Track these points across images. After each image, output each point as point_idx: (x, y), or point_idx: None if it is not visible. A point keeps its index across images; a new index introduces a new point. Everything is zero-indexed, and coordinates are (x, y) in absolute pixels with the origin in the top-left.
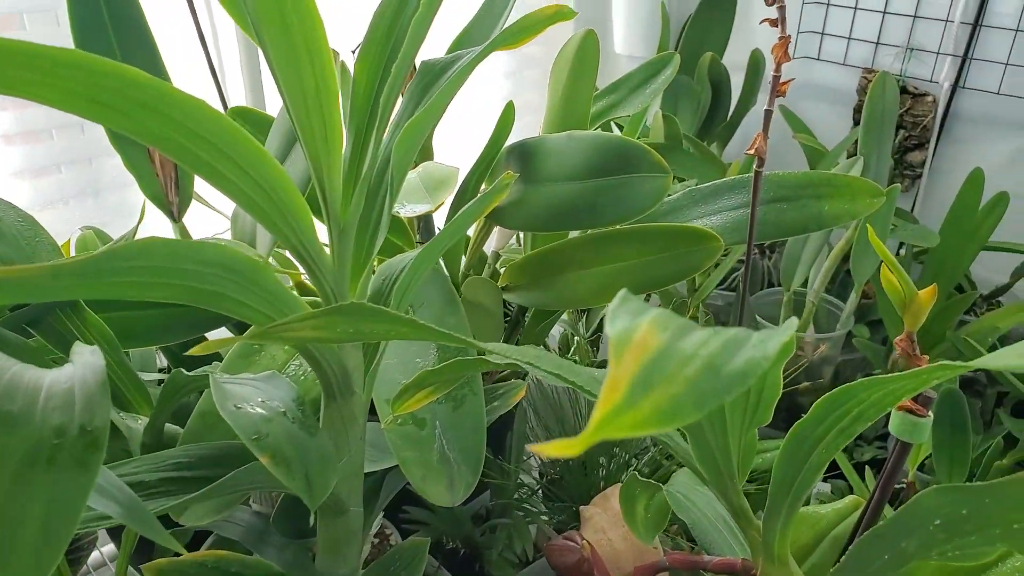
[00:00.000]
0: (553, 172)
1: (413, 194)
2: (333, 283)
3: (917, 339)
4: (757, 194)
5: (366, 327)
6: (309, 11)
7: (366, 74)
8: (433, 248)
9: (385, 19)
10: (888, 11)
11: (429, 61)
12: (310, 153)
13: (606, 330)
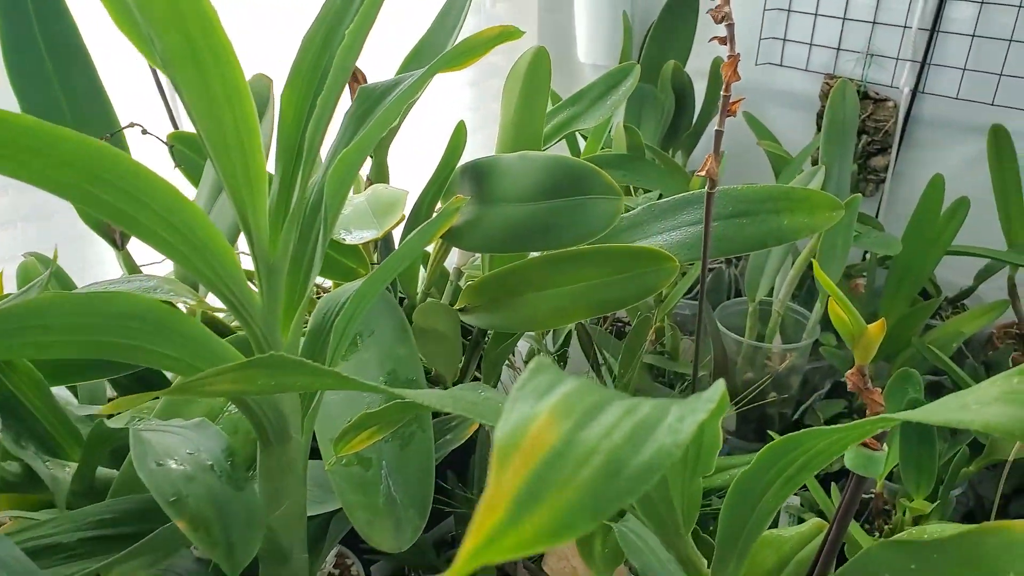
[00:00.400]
0: (507, 193)
1: (361, 219)
2: (263, 325)
3: (884, 345)
4: (709, 215)
5: (288, 380)
6: (223, 48)
7: (293, 107)
8: (376, 279)
9: (312, 49)
10: (848, 17)
11: (368, 86)
12: (232, 192)
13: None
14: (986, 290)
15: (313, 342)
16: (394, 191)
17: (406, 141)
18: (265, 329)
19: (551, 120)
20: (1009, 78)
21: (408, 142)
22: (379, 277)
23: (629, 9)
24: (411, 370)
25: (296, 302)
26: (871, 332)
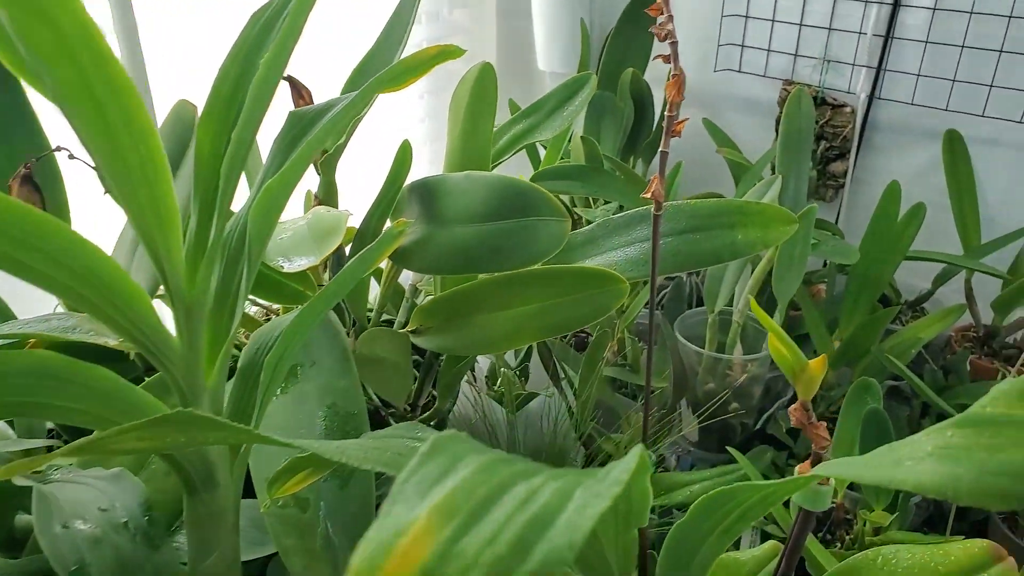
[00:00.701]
0: (455, 214)
1: (300, 245)
2: (184, 370)
3: (845, 351)
4: (657, 237)
5: (200, 436)
6: (120, 81)
7: (210, 140)
8: (310, 312)
9: (229, 80)
10: (804, 24)
11: (299, 111)
12: (141, 231)
13: (359, 546)
14: (945, 292)
15: (243, 381)
16: (334, 215)
17: (360, 153)
18: (186, 374)
19: (508, 132)
20: (962, 84)
21: (362, 155)
22: (313, 309)
23: (587, 17)
24: (352, 403)
25: (220, 342)
26: (812, 368)
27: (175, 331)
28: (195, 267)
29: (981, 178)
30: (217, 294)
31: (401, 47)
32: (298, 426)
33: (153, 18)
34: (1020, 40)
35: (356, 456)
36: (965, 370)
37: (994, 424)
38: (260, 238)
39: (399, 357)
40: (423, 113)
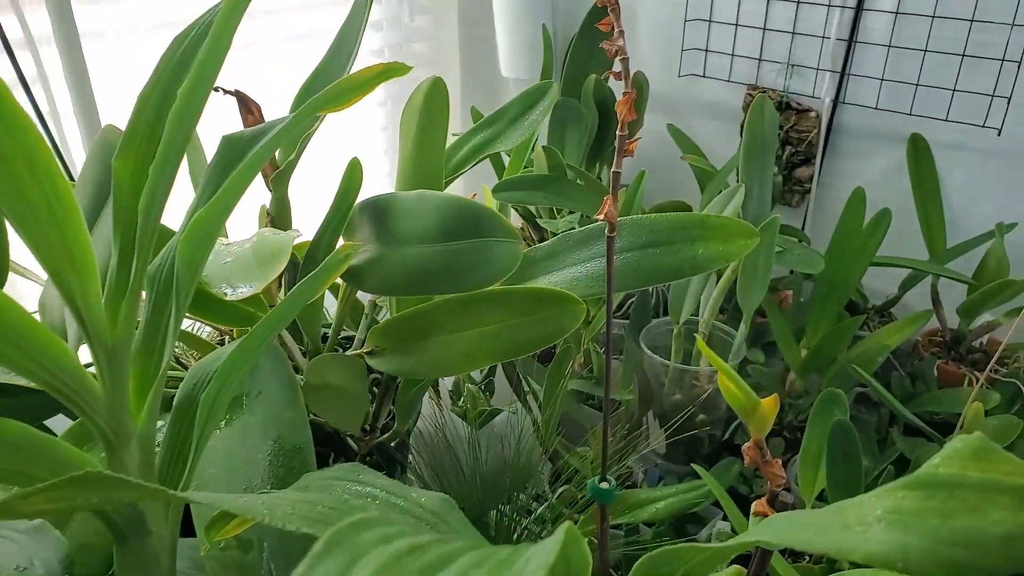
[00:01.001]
0: (407, 234)
1: (244, 270)
2: (108, 416)
3: (813, 359)
4: (611, 259)
5: (114, 495)
6: (16, 117)
7: (129, 175)
8: (249, 345)
9: (148, 111)
10: (768, 28)
11: (233, 136)
12: (52, 274)
13: None
14: (912, 297)
15: (179, 420)
16: (279, 238)
17: (319, 165)
18: (111, 420)
19: (468, 142)
20: (925, 88)
21: (321, 166)
22: (252, 342)
23: (549, 22)
24: (298, 436)
25: (149, 384)
26: (765, 407)
27: (97, 376)
28: (116, 309)
29: (945, 182)
30: (145, 334)
31: (352, 58)
32: (242, 461)
33: (100, 38)
34: (982, 44)
35: (282, 515)
36: (932, 376)
37: (947, 487)
38: (190, 274)
39: (352, 383)
40: (385, 121)
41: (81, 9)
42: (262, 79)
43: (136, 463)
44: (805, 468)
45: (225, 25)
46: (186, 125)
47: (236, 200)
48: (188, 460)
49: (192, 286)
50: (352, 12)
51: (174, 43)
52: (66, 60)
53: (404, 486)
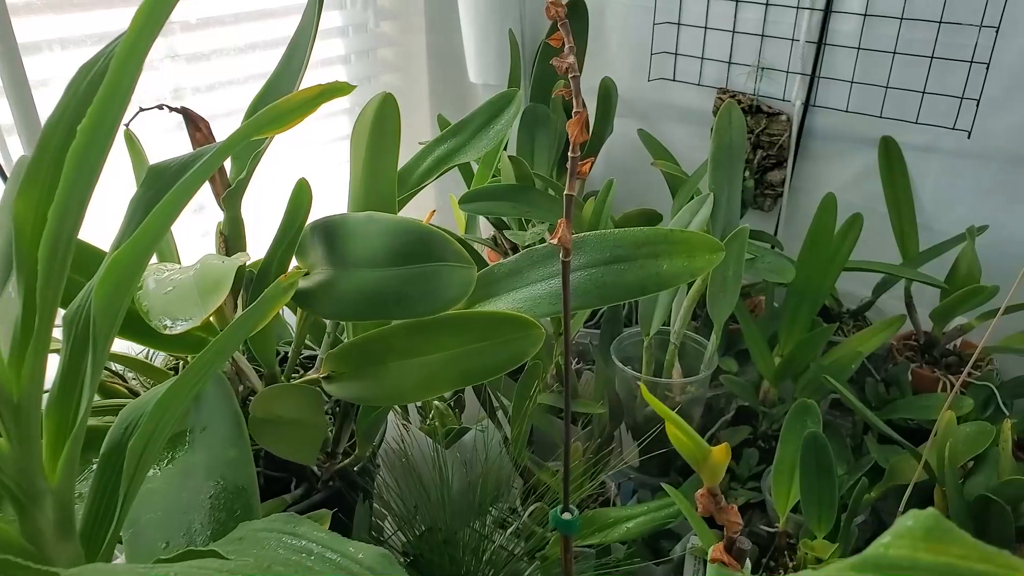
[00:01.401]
0: (358, 257)
1: (184, 301)
2: (15, 475)
3: (786, 367)
4: (567, 284)
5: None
6: None
7: (32, 217)
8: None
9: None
10: (737, 31)
11: (159, 166)
12: None
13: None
14: (886, 300)
15: (106, 471)
16: (222, 266)
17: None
18: (19, 479)
19: (432, 153)
20: (895, 90)
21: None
22: (184, 385)
23: (517, 27)
24: (242, 476)
25: (65, 436)
26: (716, 455)
27: (2, 433)
28: (20, 363)
29: (917, 185)
30: (60, 384)
31: (301, 74)
32: (182, 505)
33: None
34: (951, 46)
35: None
36: (907, 381)
37: (898, 569)
38: (107, 320)
39: (305, 414)
40: (349, 130)
41: (21, 20)
42: (221, 89)
43: (51, 522)
44: (779, 481)
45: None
46: (89, 164)
47: (161, 236)
48: (115, 513)
49: (112, 332)
50: (301, 24)
51: (80, 72)
52: (6, 73)
53: (341, 539)
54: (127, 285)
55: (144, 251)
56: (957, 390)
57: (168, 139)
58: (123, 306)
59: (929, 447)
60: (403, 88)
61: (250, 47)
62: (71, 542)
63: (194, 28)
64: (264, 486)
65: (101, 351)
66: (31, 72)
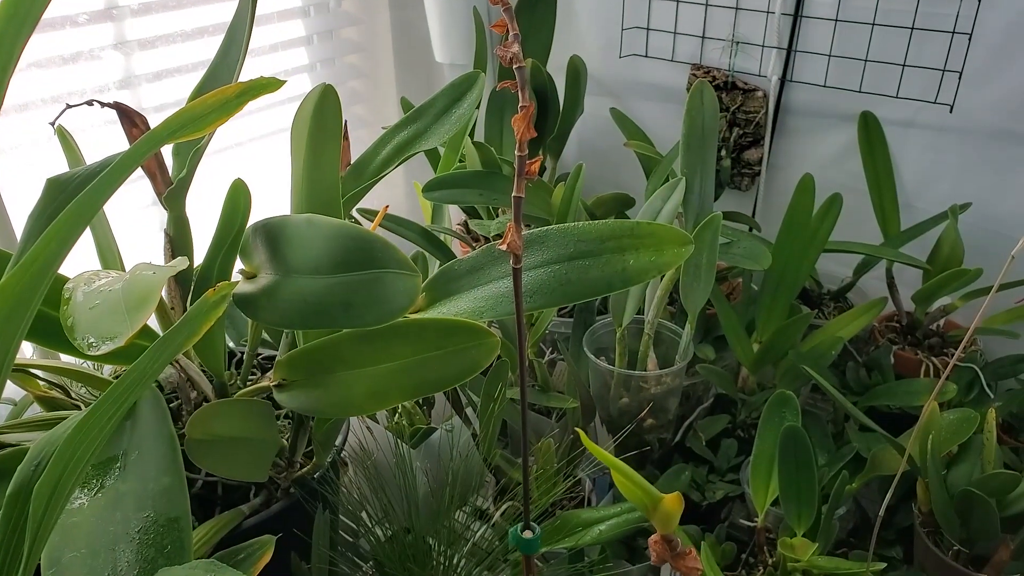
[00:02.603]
0: (300, 263)
1: (110, 317)
2: None
3: (765, 353)
4: (519, 293)
5: None
6: None
7: None
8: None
9: None
10: (710, 3)
11: (59, 177)
12: None
13: None
14: (867, 281)
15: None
16: (151, 278)
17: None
18: None
19: (392, 140)
20: (874, 64)
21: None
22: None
23: (482, 5)
24: (174, 506)
25: None
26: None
27: None
28: None
29: (898, 161)
30: None
31: (238, 66)
32: (108, 540)
33: None
34: (931, 16)
35: None
36: (889, 365)
37: None
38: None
39: (251, 431)
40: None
41: None
42: (169, 79)
43: None
44: (757, 476)
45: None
46: None
47: (61, 256)
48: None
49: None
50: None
51: None
52: None
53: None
54: (19, 313)
55: (38, 275)
56: (944, 379)
57: (112, 133)
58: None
59: (912, 437)
60: (367, 69)
61: (197, 32)
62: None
63: (138, 14)
64: (221, 496)
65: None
66: None
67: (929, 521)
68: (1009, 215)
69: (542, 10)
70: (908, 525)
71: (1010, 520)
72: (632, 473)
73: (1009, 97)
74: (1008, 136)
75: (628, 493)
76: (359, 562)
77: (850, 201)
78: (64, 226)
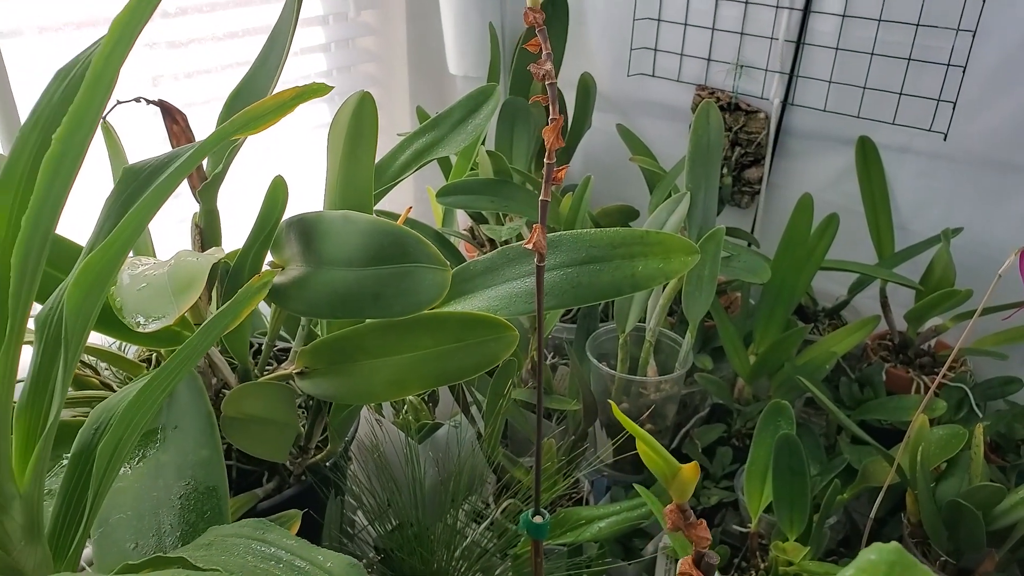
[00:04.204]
0: (333, 256)
1: (158, 299)
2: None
3: (762, 365)
4: (541, 290)
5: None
6: None
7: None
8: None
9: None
10: (717, 28)
11: (134, 167)
12: None
13: None
14: (861, 299)
15: (76, 471)
16: (196, 263)
17: (257, 170)
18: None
19: (411, 146)
20: (872, 91)
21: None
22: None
23: (497, 20)
24: (213, 476)
25: (34, 439)
26: (685, 472)
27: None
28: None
29: (893, 185)
30: (31, 388)
31: (278, 72)
32: (152, 504)
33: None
34: (928, 48)
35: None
36: (881, 381)
37: None
38: (80, 323)
39: (277, 412)
40: (328, 119)
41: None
42: (200, 78)
43: (19, 527)
44: (751, 482)
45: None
46: (64, 172)
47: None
48: (84, 515)
49: (84, 335)
50: (279, 21)
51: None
52: None
53: (311, 547)
54: (100, 288)
55: (117, 254)
56: (931, 394)
57: (146, 127)
58: (96, 309)
59: (902, 450)
60: (382, 78)
61: (228, 35)
62: (39, 545)
63: (172, 16)
64: (236, 479)
65: (73, 354)
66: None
67: (918, 532)
68: (999, 240)
69: (555, 28)
70: (897, 536)
71: (996, 534)
72: (653, 442)
73: (1000, 128)
74: (999, 165)
75: (649, 462)
76: (368, 548)
77: (846, 222)
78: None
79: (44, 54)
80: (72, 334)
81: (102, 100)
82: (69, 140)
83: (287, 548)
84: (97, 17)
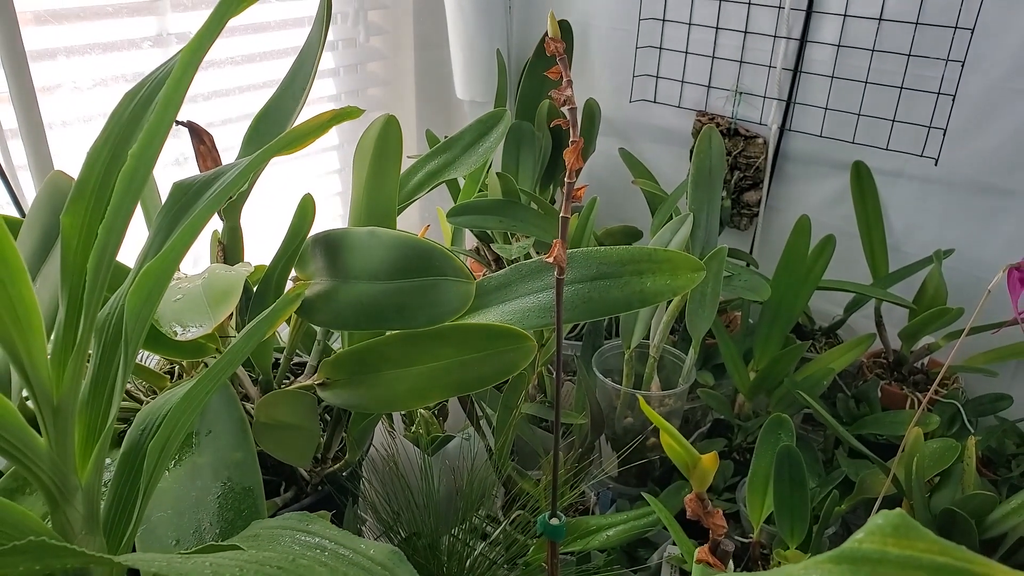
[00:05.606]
0: (359, 270)
1: (194, 309)
2: (52, 472)
3: (761, 382)
4: (560, 300)
5: (56, 562)
6: None
7: (78, 232)
8: (196, 393)
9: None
10: (717, 56)
11: (183, 182)
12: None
13: None
14: (857, 318)
15: (126, 468)
16: (230, 276)
17: (275, 189)
18: (55, 476)
19: (423, 168)
20: (867, 118)
21: (275, 192)
22: (201, 388)
23: (504, 46)
24: (248, 477)
25: (95, 437)
26: (705, 462)
27: (41, 432)
28: (62, 366)
29: (887, 208)
30: (92, 387)
31: (303, 96)
32: (191, 504)
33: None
34: (919, 77)
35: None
36: (876, 397)
37: (869, 562)
38: (138, 326)
39: (302, 420)
40: (339, 140)
41: (37, 64)
42: (216, 100)
43: (80, 517)
44: (753, 493)
45: (177, 86)
46: (136, 185)
47: (187, 248)
48: (135, 510)
49: (141, 338)
50: (304, 48)
51: (125, 99)
52: (21, 114)
53: (352, 536)
54: (157, 294)
55: (172, 263)
56: (924, 407)
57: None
58: (152, 313)
59: (897, 462)
60: (390, 102)
61: (246, 59)
62: (97, 535)
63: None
64: None
65: (131, 356)
66: (37, 79)
67: None
68: (989, 260)
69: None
70: None
71: (989, 542)
72: (675, 432)
73: (989, 153)
74: (988, 189)
75: (671, 452)
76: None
77: (842, 243)
78: (194, 224)
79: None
80: (131, 337)
81: (171, 120)
82: (142, 155)
83: (331, 538)
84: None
